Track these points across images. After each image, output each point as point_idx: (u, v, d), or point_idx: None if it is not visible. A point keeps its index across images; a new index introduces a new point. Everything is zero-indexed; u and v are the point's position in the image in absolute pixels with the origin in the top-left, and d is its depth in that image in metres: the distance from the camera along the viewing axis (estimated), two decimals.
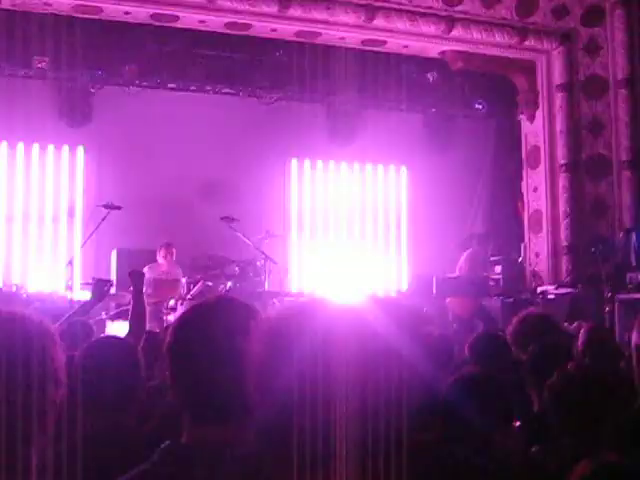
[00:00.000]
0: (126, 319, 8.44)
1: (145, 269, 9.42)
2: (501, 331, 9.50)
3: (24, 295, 10.19)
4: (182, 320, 2.08)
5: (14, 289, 10.62)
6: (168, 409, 3.01)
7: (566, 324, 7.27)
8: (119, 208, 9.31)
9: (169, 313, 8.81)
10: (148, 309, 9.08)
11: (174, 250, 9.61)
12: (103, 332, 8.92)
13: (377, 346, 1.43)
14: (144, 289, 9.21)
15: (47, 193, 11.70)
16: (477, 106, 13.13)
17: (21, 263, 11.42)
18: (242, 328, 1.67)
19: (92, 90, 11.36)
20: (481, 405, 2.89)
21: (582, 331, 5.16)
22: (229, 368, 1.76)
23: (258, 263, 9.98)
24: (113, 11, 10.12)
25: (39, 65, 10.75)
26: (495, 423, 2.91)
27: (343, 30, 10.78)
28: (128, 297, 8.82)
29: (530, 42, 11.61)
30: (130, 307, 5.44)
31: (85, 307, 5.48)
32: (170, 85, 11.76)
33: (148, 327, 8.71)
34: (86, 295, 9.69)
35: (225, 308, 2.03)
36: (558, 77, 11.85)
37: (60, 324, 4.72)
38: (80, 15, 10.12)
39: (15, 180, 11.55)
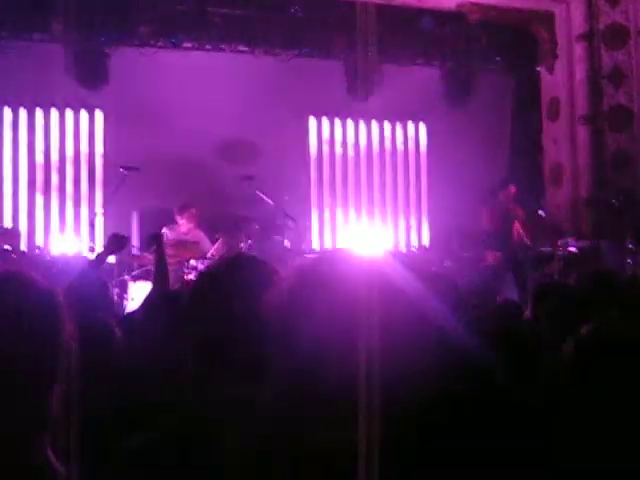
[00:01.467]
0: (148, 279, 8.49)
1: (164, 230, 9.43)
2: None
3: (47, 258, 10.21)
4: (200, 280, 2.05)
5: (37, 252, 10.67)
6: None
7: None
8: (138, 169, 9.29)
9: (190, 272, 8.79)
10: (170, 269, 9.11)
11: (193, 210, 9.57)
12: (125, 292, 8.96)
13: (396, 295, 1.41)
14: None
15: (67, 156, 11.68)
16: (497, 59, 12.92)
17: (44, 226, 11.45)
18: (261, 283, 1.64)
19: (107, 52, 11.25)
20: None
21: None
22: (249, 324, 1.73)
23: (278, 221, 9.92)
24: None
25: (53, 28, 10.65)
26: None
27: None
28: (149, 257, 8.84)
29: None
30: (153, 268, 5.44)
31: (99, 258, 5.42)
32: (185, 45, 11.64)
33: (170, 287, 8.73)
34: (110, 258, 9.77)
35: (243, 265, 2.00)
36: (578, 27, 11.68)
37: (74, 279, 4.68)
38: None
39: (35, 145, 11.52)
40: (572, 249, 10.43)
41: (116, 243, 5.71)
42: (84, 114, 11.78)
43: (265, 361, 1.44)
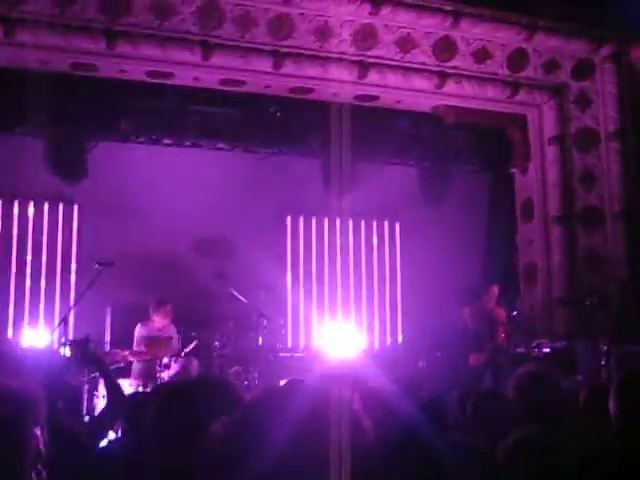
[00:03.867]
0: (119, 376, 8.36)
1: (137, 327, 9.36)
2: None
3: (18, 351, 10.04)
4: (158, 404, 2.04)
5: (7, 343, 10.50)
6: None
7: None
8: (112, 264, 9.25)
9: (163, 370, 8.69)
10: (140, 366, 9.02)
11: (169, 307, 9.50)
12: (96, 390, 8.81)
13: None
14: (136, 347, 9.18)
15: (42, 249, 11.63)
16: (471, 160, 13.15)
17: (15, 319, 11.31)
18: (214, 415, 1.64)
19: (87, 147, 11.34)
20: None
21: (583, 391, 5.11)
22: (195, 455, 1.73)
23: (253, 318, 9.88)
24: (108, 69, 10.17)
25: (34, 122, 10.74)
26: None
27: (336, 86, 10.82)
28: (121, 354, 8.76)
29: (521, 96, 11.72)
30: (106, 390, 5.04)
31: (62, 370, 5.24)
32: (165, 141, 11.77)
33: (140, 385, 8.62)
34: (67, 352, 9.64)
35: (198, 394, 1.99)
36: (550, 130, 11.93)
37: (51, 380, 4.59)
38: (76, 72, 10.16)
39: (10, 238, 11.47)
40: (546, 350, 10.43)
41: (80, 350, 5.43)
42: (61, 207, 11.79)
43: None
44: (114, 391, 4.74)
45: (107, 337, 10.43)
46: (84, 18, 9.46)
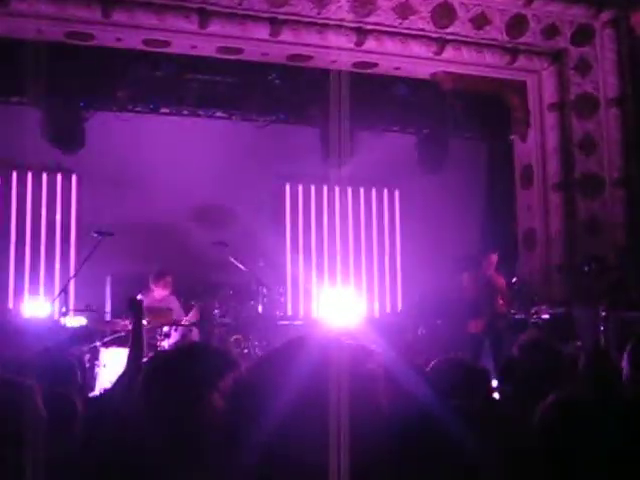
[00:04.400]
0: (120, 346, 8.39)
1: (138, 297, 9.36)
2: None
3: (20, 321, 10.10)
4: (150, 369, 2.04)
5: (9, 314, 10.55)
6: None
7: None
8: (112, 234, 9.25)
9: (163, 339, 8.72)
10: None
11: (168, 278, 9.49)
12: (97, 359, 8.85)
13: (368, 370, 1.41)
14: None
15: (41, 220, 11.63)
16: (470, 127, 13.11)
17: (16, 289, 11.34)
18: (209, 382, 1.64)
19: (85, 116, 11.30)
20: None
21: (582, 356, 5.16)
22: (189, 424, 1.73)
23: (252, 287, 9.90)
24: (104, 37, 10.11)
25: (31, 92, 10.70)
26: None
27: (334, 53, 10.76)
28: (122, 324, 8.78)
29: (521, 62, 11.64)
30: (130, 336, 5.18)
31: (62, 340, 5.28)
32: (163, 110, 11.74)
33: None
34: (80, 320, 9.68)
35: (194, 360, 1.99)
36: (549, 96, 11.87)
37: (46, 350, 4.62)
38: (72, 41, 10.09)
39: (10, 208, 11.47)
40: (545, 316, 10.46)
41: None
42: (59, 177, 11.77)
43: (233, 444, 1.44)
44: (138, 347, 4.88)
45: (107, 307, 10.45)
46: None
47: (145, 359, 5.24)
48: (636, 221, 11.39)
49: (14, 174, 11.57)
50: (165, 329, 8.84)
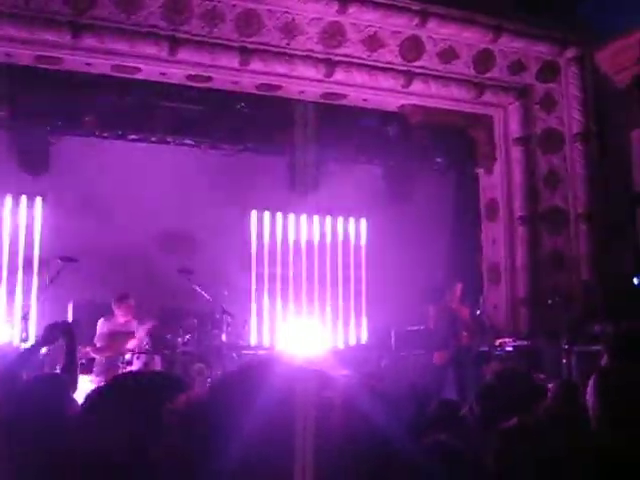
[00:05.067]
0: (83, 373, 8.26)
1: (100, 321, 9.27)
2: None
3: None
4: (92, 399, 2.02)
5: None
6: None
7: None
8: (75, 261, 9.17)
9: (125, 367, 8.61)
10: (103, 362, 8.93)
11: (131, 301, 9.39)
12: None
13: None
14: (97, 342, 9.09)
15: (4, 244, 11.46)
16: (437, 160, 13.22)
17: None
18: (154, 414, 1.62)
19: (51, 140, 11.23)
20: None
21: (553, 386, 5.24)
22: (141, 451, 1.70)
23: (217, 315, 9.83)
24: (73, 62, 10.06)
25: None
26: None
27: (303, 83, 10.82)
28: (83, 350, 8.66)
29: (487, 97, 11.77)
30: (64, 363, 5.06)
31: (26, 353, 5.19)
32: (130, 136, 11.68)
33: (102, 381, 8.52)
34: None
35: (147, 383, 1.97)
36: (515, 131, 12.01)
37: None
38: (41, 65, 10.04)
39: None
40: (509, 349, 10.50)
41: (49, 334, 5.38)
42: (24, 201, 11.63)
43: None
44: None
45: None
46: (49, 10, 9.33)
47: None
48: (599, 255, 11.50)
49: None
50: (127, 356, 8.74)
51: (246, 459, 1.32)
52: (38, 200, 11.63)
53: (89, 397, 2.05)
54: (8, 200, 11.55)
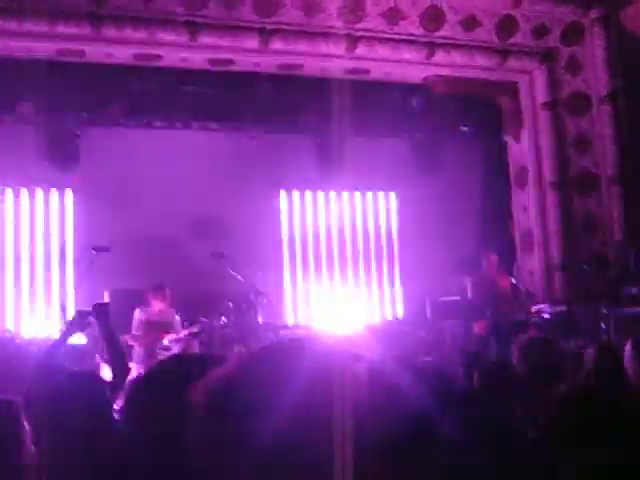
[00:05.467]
0: None
1: (136, 311, 9.35)
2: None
3: (18, 341, 10.04)
4: (134, 385, 2.03)
5: (8, 335, 10.49)
6: None
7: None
8: (108, 250, 9.24)
9: (162, 354, 8.69)
10: (142, 350, 9.01)
11: (166, 292, 9.44)
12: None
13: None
14: (135, 331, 9.17)
15: (37, 237, 11.59)
16: (463, 129, 13.13)
17: (14, 308, 11.30)
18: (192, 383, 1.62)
19: (78, 132, 11.29)
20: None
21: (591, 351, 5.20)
22: (170, 433, 1.71)
23: (251, 297, 9.88)
24: (95, 53, 10.09)
25: (23, 110, 10.70)
26: None
27: (325, 60, 10.76)
28: (122, 338, 8.73)
29: (512, 63, 11.63)
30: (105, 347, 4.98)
31: (56, 343, 5.08)
32: (156, 123, 11.72)
33: (142, 369, 8.61)
34: (81, 339, 9.64)
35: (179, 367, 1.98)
36: (541, 96, 11.86)
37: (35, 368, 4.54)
38: (63, 59, 10.08)
39: (6, 226, 11.44)
40: (546, 315, 10.44)
41: (82, 319, 5.15)
42: (54, 194, 11.73)
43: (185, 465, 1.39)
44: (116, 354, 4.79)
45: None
46: (68, 3, 9.37)
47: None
48: (632, 217, 11.38)
49: (9, 191, 11.53)
50: (165, 342, 8.81)
51: (279, 438, 1.31)
52: (68, 192, 11.73)
53: (130, 390, 2.06)
54: (39, 193, 11.67)
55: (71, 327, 5.20)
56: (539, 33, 11.61)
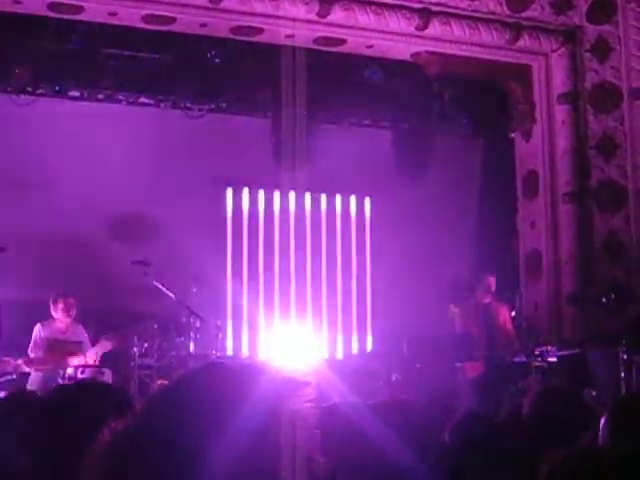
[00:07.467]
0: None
1: (36, 327, 9.26)
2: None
3: None
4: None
5: None
6: None
7: None
8: (3, 250, 9.17)
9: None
10: (39, 378, 8.92)
11: (71, 300, 9.38)
12: None
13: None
14: (33, 351, 9.09)
15: None
16: (461, 121, 13.22)
17: None
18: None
19: None
20: None
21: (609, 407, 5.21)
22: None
23: (182, 319, 9.86)
24: (96, 12, 10.11)
25: None
26: None
27: (291, 25, 10.78)
28: (13, 363, 8.67)
29: (525, 42, 11.74)
30: None
31: None
32: (72, 93, 11.66)
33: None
34: None
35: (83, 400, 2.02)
36: (560, 85, 11.99)
37: None
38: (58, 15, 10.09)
39: None
40: (552, 359, 10.49)
41: None
42: None
43: None
44: None
45: None
46: None
47: None
48: None
49: None
50: (69, 371, 8.74)
51: None
52: None
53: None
54: None
55: None
56: (560, 7, 11.74)
